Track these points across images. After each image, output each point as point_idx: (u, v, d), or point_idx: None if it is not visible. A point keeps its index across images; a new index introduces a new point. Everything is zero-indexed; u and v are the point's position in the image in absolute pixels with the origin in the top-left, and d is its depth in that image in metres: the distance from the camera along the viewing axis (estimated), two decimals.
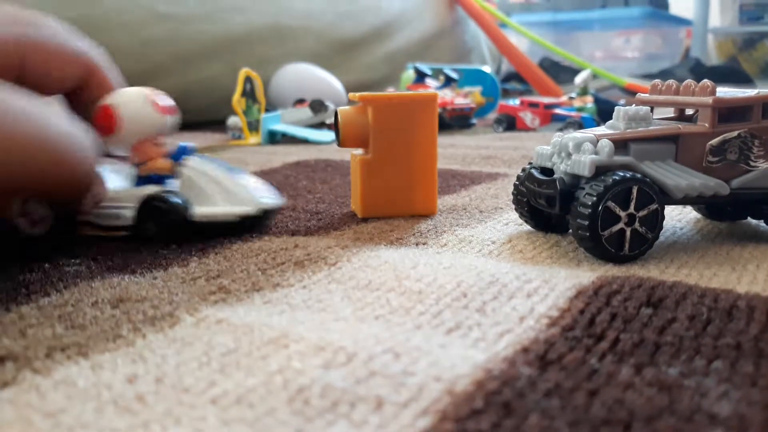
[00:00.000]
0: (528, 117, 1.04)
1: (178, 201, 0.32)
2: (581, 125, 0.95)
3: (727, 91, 0.32)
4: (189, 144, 0.35)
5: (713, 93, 0.31)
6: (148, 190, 0.33)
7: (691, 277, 0.27)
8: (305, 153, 0.74)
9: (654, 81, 0.34)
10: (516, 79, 1.91)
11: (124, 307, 0.24)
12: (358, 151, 0.40)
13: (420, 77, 1.15)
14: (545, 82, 1.54)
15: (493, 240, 0.34)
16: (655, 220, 0.29)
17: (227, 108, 0.90)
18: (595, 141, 0.30)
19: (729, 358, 0.19)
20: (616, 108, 0.33)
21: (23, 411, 0.17)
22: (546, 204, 0.31)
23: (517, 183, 0.35)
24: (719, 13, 2.52)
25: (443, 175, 0.54)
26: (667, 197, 0.30)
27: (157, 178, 0.34)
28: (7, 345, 0.20)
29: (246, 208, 0.34)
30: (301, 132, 0.88)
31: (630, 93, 1.44)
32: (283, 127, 0.88)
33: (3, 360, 0.19)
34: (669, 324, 0.22)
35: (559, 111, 1.02)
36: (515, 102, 1.10)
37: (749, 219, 0.37)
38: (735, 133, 0.31)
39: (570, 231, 0.31)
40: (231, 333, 0.21)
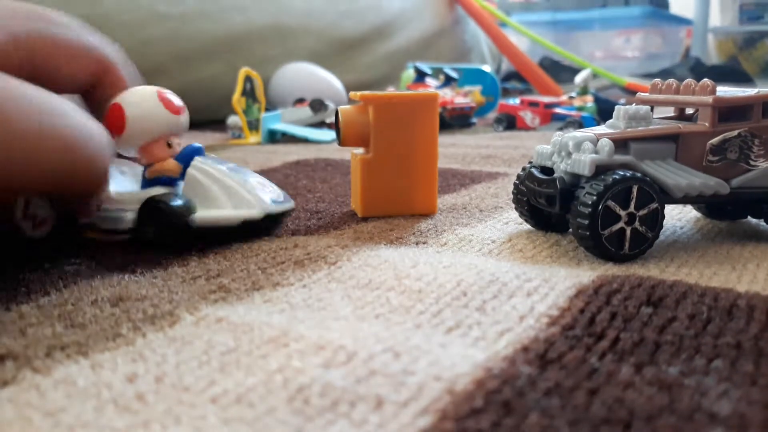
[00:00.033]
0: (528, 116, 1.04)
1: (179, 204, 0.31)
2: (581, 124, 0.95)
3: (727, 91, 0.32)
4: (198, 145, 0.33)
5: (713, 92, 0.31)
6: (152, 192, 0.31)
7: (691, 276, 0.27)
8: (305, 152, 0.74)
9: (654, 80, 0.34)
10: (516, 79, 1.91)
11: (123, 306, 0.24)
12: (358, 150, 0.40)
13: (420, 76, 1.15)
14: (545, 81, 1.54)
15: (493, 239, 0.34)
16: (656, 219, 0.29)
17: (227, 107, 0.90)
18: (595, 140, 0.30)
19: (729, 357, 0.19)
20: (616, 107, 0.33)
21: (23, 410, 0.17)
22: (546, 203, 0.31)
23: (517, 182, 0.35)
24: (719, 13, 2.53)
25: (443, 175, 0.54)
26: (668, 196, 0.30)
27: (167, 180, 0.32)
28: (7, 344, 0.20)
29: (250, 211, 0.32)
30: (301, 131, 0.88)
31: (630, 92, 1.44)
32: (283, 127, 0.89)
33: (3, 359, 0.19)
34: (669, 323, 0.22)
35: (559, 110, 1.02)
36: (515, 101, 1.09)
37: (749, 218, 0.37)
38: (735, 133, 0.31)
39: (570, 230, 0.31)
40: (231, 332, 0.21)
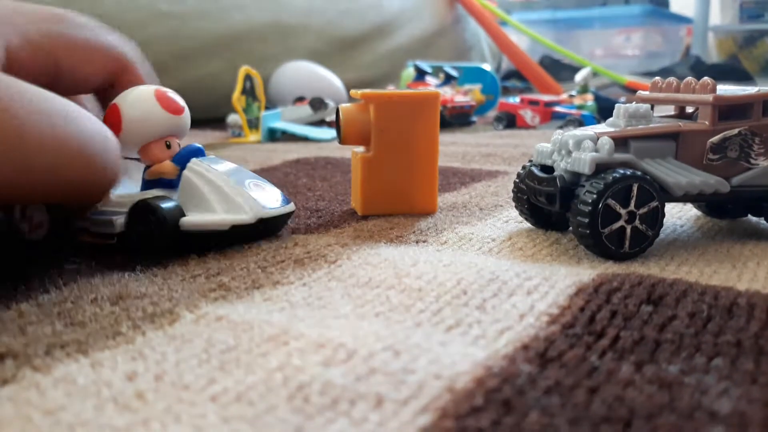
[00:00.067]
0: (528, 115, 1.04)
1: (166, 207, 0.29)
2: (581, 123, 0.95)
3: (728, 89, 0.32)
4: (198, 145, 0.33)
5: (713, 90, 0.31)
6: (148, 194, 0.30)
7: (692, 275, 0.27)
8: (305, 150, 0.74)
9: (654, 78, 0.34)
10: (516, 77, 1.91)
11: (123, 304, 0.24)
12: (359, 149, 0.40)
13: (420, 75, 1.15)
14: (545, 79, 1.55)
15: (493, 237, 0.34)
16: (656, 217, 0.29)
17: (227, 106, 0.90)
18: (596, 138, 0.30)
19: (729, 355, 0.19)
20: (616, 106, 0.33)
21: (23, 408, 0.17)
22: (546, 201, 0.31)
23: (517, 180, 0.35)
24: (719, 11, 2.52)
25: (443, 173, 0.54)
26: (668, 195, 0.30)
27: (168, 182, 0.31)
28: (7, 342, 0.20)
29: (241, 216, 0.30)
30: (301, 129, 0.88)
31: (630, 91, 1.44)
32: (283, 125, 0.89)
33: (2, 357, 0.19)
34: (669, 321, 0.22)
35: (559, 109, 1.02)
36: (515, 100, 1.09)
37: (749, 216, 0.37)
38: (735, 131, 0.31)
39: (570, 228, 0.31)
40: (231, 330, 0.21)
